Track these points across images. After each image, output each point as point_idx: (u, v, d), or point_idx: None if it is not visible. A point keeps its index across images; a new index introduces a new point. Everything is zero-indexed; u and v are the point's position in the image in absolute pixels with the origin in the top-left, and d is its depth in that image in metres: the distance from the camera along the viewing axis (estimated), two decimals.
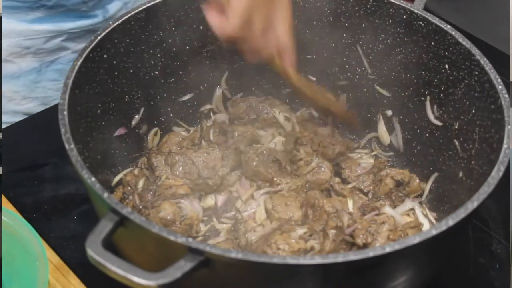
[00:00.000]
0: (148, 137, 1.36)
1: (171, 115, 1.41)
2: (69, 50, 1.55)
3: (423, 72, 1.27)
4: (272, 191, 1.24)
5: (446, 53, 1.21)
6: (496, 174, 0.96)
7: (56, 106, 1.02)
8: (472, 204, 0.92)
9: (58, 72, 1.56)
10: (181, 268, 0.83)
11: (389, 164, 1.38)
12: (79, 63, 1.10)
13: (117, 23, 1.18)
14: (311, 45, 1.38)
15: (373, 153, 1.40)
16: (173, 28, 1.30)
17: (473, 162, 1.14)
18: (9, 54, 1.48)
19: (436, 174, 1.28)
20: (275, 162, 1.27)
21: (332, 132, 1.33)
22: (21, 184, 1.33)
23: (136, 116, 1.32)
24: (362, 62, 1.37)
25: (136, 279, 0.82)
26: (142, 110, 1.33)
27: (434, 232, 0.88)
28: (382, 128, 1.40)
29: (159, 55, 1.31)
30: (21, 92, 1.54)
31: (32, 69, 1.52)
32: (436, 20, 1.22)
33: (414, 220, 1.20)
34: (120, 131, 1.28)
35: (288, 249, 1.08)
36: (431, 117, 1.28)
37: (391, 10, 1.27)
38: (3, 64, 1.48)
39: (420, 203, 1.26)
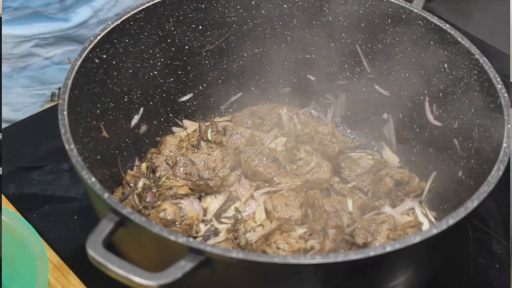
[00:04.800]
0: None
1: (170, 115, 1.40)
2: (40, 57, 1.52)
3: (422, 71, 1.27)
4: (272, 191, 1.24)
5: (445, 52, 1.21)
6: (496, 173, 0.96)
7: (56, 106, 1.03)
8: (472, 203, 0.92)
9: (29, 79, 1.54)
10: (181, 268, 0.83)
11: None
12: (78, 63, 1.10)
13: (116, 23, 1.18)
14: (310, 45, 1.38)
15: (375, 157, 1.40)
16: (172, 28, 1.30)
17: (472, 161, 1.14)
18: None
19: (435, 173, 1.28)
20: (275, 162, 1.27)
21: (333, 130, 1.33)
22: (21, 184, 1.33)
23: (136, 116, 1.32)
24: (361, 61, 1.37)
25: (137, 279, 0.82)
26: (141, 110, 1.32)
27: (434, 231, 0.88)
28: (388, 152, 1.40)
29: (158, 55, 1.31)
30: None
31: (3, 75, 1.49)
32: (435, 19, 1.22)
33: (413, 219, 1.20)
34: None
35: (288, 248, 1.08)
36: (430, 117, 1.28)
37: (390, 9, 1.27)
38: None
39: (420, 202, 1.26)
